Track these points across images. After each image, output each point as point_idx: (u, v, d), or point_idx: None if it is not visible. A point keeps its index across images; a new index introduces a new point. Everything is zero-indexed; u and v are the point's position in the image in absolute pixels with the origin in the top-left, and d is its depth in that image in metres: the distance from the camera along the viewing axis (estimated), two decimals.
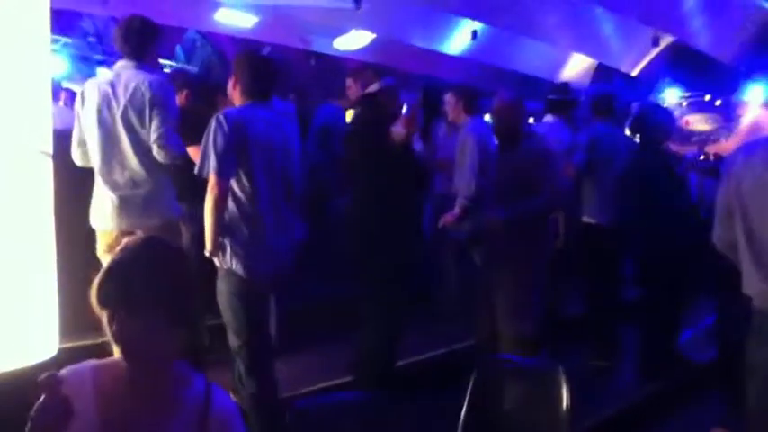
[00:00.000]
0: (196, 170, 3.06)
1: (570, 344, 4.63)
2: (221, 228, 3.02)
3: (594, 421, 3.81)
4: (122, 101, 3.22)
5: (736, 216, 2.46)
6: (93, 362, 1.54)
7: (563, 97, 5.30)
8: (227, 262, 3.04)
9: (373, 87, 3.87)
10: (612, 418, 3.99)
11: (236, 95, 3.18)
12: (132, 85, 3.21)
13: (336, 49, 10.62)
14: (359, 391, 3.56)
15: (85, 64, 10.91)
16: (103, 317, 1.46)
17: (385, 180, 3.66)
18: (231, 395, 2.61)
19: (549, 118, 5.19)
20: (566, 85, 5.77)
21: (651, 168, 4.33)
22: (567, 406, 2.57)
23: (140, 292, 1.44)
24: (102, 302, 1.45)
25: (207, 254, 3.05)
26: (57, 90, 6.70)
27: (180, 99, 4.03)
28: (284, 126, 3.24)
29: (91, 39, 10.90)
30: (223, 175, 2.98)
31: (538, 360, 3.47)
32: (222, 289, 3.09)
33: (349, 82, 4.23)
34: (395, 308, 3.74)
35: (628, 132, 5.31)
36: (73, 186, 3.41)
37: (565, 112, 5.16)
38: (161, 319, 1.45)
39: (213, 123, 3.01)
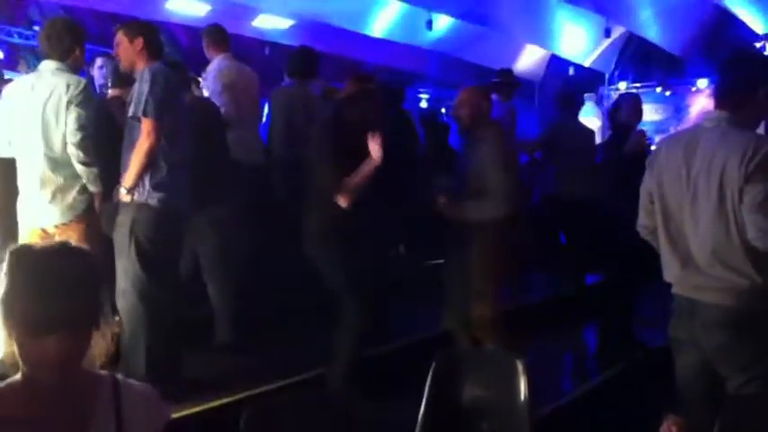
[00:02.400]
0: (130, 111, 3.30)
1: (530, 330, 4.69)
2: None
3: (553, 408, 3.85)
4: (41, 102, 3.32)
5: (657, 204, 2.62)
6: None
7: (506, 80, 6.34)
8: (144, 195, 3.32)
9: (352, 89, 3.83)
10: (571, 404, 4.04)
11: (142, 57, 3.40)
12: (51, 86, 3.33)
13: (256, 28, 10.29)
14: (319, 389, 3.54)
15: (31, 53, 10.57)
16: (13, 340, 1.31)
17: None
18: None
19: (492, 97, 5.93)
20: (509, 70, 6.75)
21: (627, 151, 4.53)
22: (525, 395, 2.59)
23: (80, 310, 1.33)
24: (35, 327, 1.29)
25: (123, 190, 3.30)
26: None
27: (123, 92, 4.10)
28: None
29: (36, 27, 10.56)
30: (159, 121, 3.26)
31: (497, 349, 3.49)
32: (127, 221, 3.32)
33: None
34: (370, 297, 3.69)
35: (595, 120, 5.84)
36: None
37: (506, 92, 6.24)
38: (90, 331, 1.37)
39: (148, 74, 3.28)
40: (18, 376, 1.38)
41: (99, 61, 5.22)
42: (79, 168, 3.37)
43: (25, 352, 1.32)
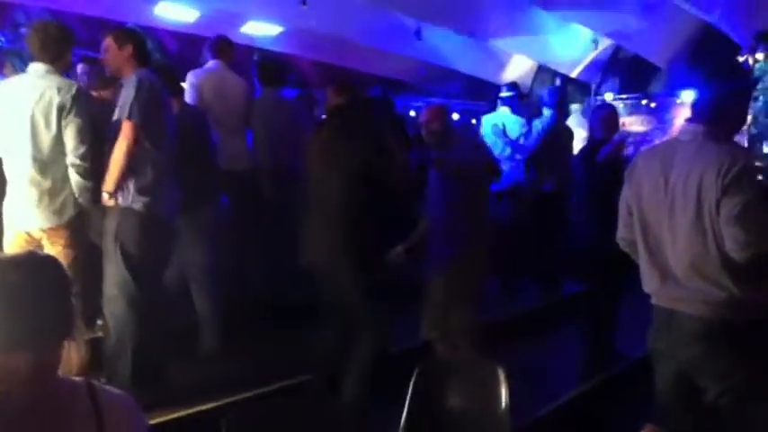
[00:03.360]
0: (116, 116, 3.32)
1: (511, 339, 4.70)
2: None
3: (534, 417, 3.87)
4: (30, 104, 3.27)
5: (635, 216, 2.65)
6: None
7: (514, 92, 6.58)
8: (128, 200, 3.31)
9: (340, 100, 3.81)
10: (551, 413, 4.06)
11: (130, 63, 3.42)
12: (41, 88, 3.29)
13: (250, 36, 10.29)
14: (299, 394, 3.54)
15: (17, 56, 10.50)
16: None
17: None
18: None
19: (504, 109, 6.43)
20: (515, 83, 7.05)
21: (604, 160, 4.56)
22: (506, 404, 2.61)
23: (49, 323, 1.30)
24: (3, 343, 1.26)
25: (105, 195, 3.29)
26: None
27: (105, 94, 4.18)
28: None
29: (23, 30, 10.50)
30: (142, 125, 3.27)
31: (478, 358, 3.50)
32: (112, 226, 3.33)
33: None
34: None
35: (581, 131, 5.94)
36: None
37: (518, 105, 6.50)
38: (61, 343, 1.33)
39: (135, 79, 3.30)
40: None
41: (80, 67, 5.21)
42: (74, 178, 3.32)
43: None
